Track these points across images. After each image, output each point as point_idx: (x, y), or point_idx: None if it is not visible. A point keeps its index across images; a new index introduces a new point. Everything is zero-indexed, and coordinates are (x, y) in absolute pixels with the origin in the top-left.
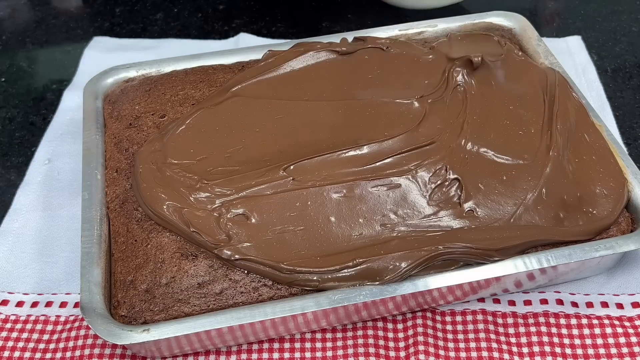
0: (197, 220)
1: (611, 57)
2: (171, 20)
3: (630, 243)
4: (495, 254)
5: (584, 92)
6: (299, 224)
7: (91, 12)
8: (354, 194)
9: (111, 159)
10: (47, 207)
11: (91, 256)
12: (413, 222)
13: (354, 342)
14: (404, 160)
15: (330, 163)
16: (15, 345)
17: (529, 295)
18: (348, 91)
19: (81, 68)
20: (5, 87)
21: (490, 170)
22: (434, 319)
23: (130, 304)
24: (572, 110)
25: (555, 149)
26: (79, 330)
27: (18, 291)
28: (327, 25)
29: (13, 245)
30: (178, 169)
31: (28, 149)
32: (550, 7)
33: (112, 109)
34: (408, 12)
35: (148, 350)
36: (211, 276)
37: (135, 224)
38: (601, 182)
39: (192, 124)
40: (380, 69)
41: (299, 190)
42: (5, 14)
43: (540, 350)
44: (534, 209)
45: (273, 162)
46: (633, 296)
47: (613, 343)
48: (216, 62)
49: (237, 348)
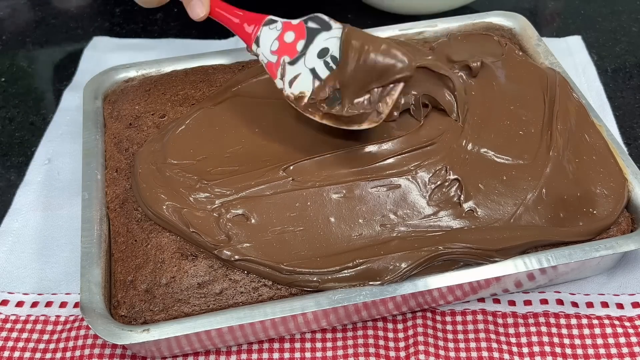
0: (197, 220)
1: (611, 57)
2: (171, 20)
3: (631, 243)
4: (495, 255)
5: (584, 92)
6: (299, 224)
7: (91, 12)
8: (353, 195)
9: (111, 159)
10: (47, 207)
11: (91, 256)
12: (413, 222)
13: (354, 342)
14: (404, 160)
15: (330, 163)
16: (15, 345)
17: (529, 295)
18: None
19: (81, 68)
20: (5, 87)
21: (490, 171)
22: (434, 319)
23: (130, 304)
24: (572, 110)
25: (555, 149)
26: (79, 330)
27: (18, 291)
28: None
29: (13, 245)
30: (178, 169)
31: (28, 149)
32: (550, 7)
33: (112, 109)
34: None
35: (148, 350)
36: (211, 276)
37: (135, 224)
38: (601, 182)
39: (192, 124)
40: None
41: (299, 190)
42: (5, 14)
43: (540, 350)
44: (534, 209)
45: (273, 163)
46: (633, 296)
47: (613, 343)
48: (216, 62)
49: (237, 348)
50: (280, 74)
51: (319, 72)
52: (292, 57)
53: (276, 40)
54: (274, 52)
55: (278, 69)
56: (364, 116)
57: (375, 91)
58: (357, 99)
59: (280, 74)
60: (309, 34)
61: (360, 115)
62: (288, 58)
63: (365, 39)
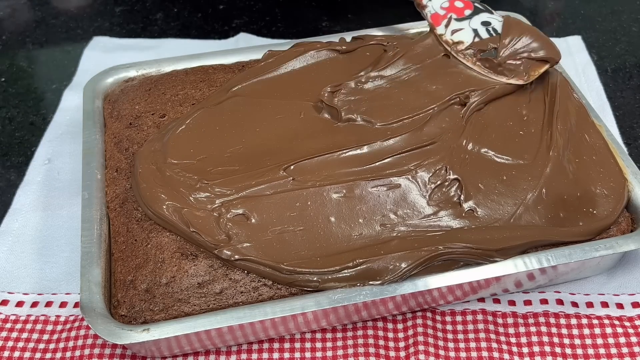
0: (197, 220)
1: (611, 57)
2: (171, 20)
3: (630, 243)
4: (496, 254)
5: (584, 92)
6: (299, 224)
7: (91, 12)
8: (353, 194)
9: (111, 159)
10: (47, 207)
11: (91, 256)
12: (413, 222)
13: (354, 342)
14: (403, 160)
15: (330, 163)
16: (15, 345)
17: (529, 295)
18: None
19: (81, 68)
20: (5, 87)
21: (490, 170)
22: (434, 318)
23: (130, 303)
24: (572, 110)
25: (555, 149)
26: (79, 330)
27: (18, 291)
28: (327, 25)
29: (13, 245)
30: (178, 169)
31: (28, 149)
32: (550, 7)
33: (112, 108)
34: (408, 12)
35: (148, 350)
36: (211, 276)
37: (135, 224)
38: (601, 182)
39: (192, 123)
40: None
41: (299, 190)
42: (5, 14)
43: (540, 350)
44: (534, 209)
45: (273, 162)
46: (633, 296)
47: (613, 343)
48: (216, 62)
49: (237, 348)
50: (445, 23)
51: (481, 33)
52: (459, 16)
53: (447, 1)
54: (443, 7)
55: (444, 20)
56: (515, 72)
57: (527, 61)
58: (510, 61)
59: (445, 24)
60: (476, 9)
61: (513, 70)
62: (455, 16)
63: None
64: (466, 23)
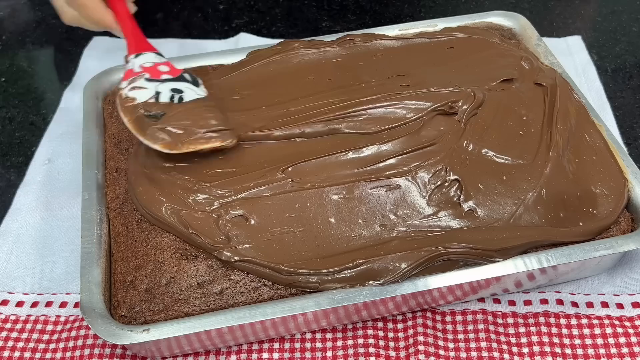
0: (196, 222)
1: (611, 57)
2: (171, 20)
3: (630, 243)
4: (495, 255)
5: (584, 92)
6: (299, 225)
7: None
8: (353, 195)
9: (111, 159)
10: (47, 207)
11: (91, 256)
12: (413, 222)
13: (354, 342)
14: (403, 161)
15: (330, 164)
16: (15, 345)
17: (529, 295)
18: (348, 91)
19: (81, 68)
20: (5, 87)
21: (490, 171)
22: (434, 319)
23: (130, 304)
24: (572, 110)
25: (555, 149)
26: (79, 330)
27: (18, 291)
28: (327, 25)
29: (13, 245)
30: (174, 171)
31: (28, 149)
32: (550, 7)
33: (112, 109)
34: (408, 11)
35: (148, 350)
36: (211, 276)
37: (135, 224)
38: (601, 182)
39: None
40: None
41: (298, 191)
42: (5, 14)
43: (540, 350)
44: (534, 209)
45: (271, 164)
46: (633, 296)
47: (613, 343)
48: (216, 62)
49: (237, 348)
50: (130, 80)
51: (162, 97)
52: (152, 78)
53: (151, 63)
54: (143, 66)
55: (133, 77)
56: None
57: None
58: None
59: (130, 81)
60: (179, 78)
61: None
62: (149, 75)
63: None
64: (154, 85)
